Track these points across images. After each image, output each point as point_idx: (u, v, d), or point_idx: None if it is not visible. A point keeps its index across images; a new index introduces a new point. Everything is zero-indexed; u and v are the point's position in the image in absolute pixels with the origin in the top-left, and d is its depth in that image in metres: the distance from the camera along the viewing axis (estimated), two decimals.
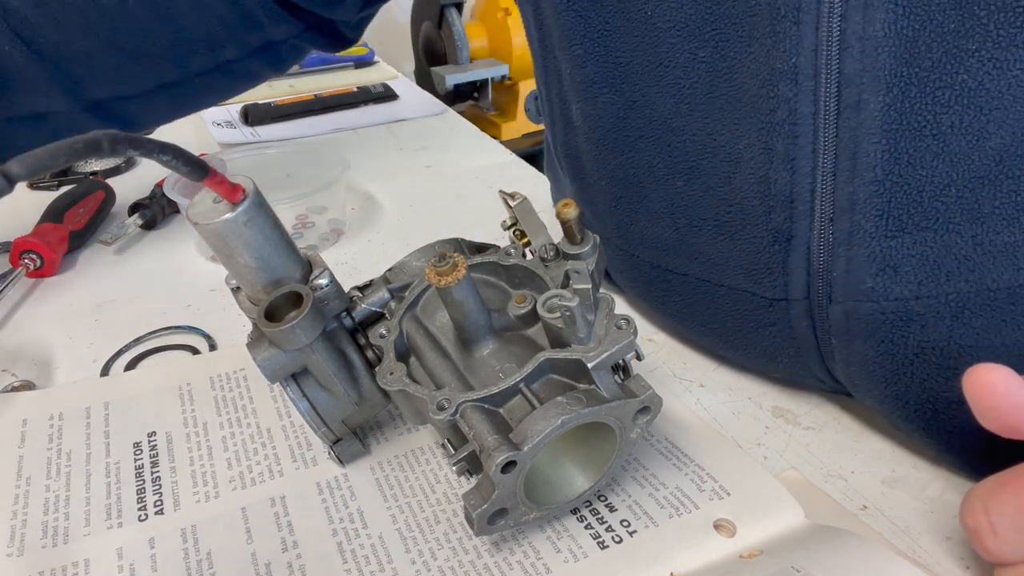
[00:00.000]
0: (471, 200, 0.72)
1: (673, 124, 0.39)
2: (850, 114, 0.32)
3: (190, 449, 0.41)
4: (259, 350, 0.34)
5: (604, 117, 0.43)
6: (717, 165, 0.38)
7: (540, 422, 0.30)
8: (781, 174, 0.35)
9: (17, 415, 0.43)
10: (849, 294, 0.35)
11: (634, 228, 0.45)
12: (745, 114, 0.35)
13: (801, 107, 0.33)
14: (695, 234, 0.41)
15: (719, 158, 0.38)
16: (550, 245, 0.37)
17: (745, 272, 0.39)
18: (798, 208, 0.35)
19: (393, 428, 0.42)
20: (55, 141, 0.22)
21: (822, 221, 0.35)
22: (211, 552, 0.35)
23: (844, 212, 0.34)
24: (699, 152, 0.38)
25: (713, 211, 0.39)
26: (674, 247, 0.43)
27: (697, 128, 0.38)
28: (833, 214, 0.34)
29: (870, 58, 0.31)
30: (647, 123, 0.40)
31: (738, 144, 0.36)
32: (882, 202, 0.33)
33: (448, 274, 0.32)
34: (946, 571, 0.33)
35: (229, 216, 0.31)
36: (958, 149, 0.31)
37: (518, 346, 0.35)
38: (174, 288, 0.58)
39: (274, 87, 1.03)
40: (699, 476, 0.38)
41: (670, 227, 0.42)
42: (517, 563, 0.34)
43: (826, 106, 0.33)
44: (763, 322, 0.40)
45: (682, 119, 0.38)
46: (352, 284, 0.39)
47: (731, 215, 0.38)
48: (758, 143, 0.35)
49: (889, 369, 0.36)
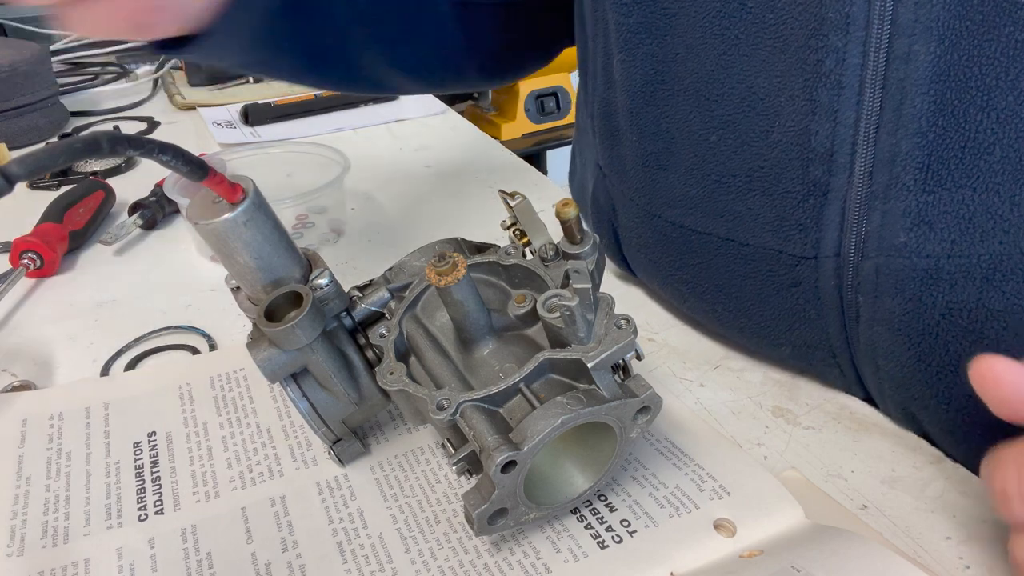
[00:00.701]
0: (471, 200, 0.72)
1: (714, 77, 0.39)
2: (899, 65, 0.32)
3: (190, 449, 0.41)
4: (259, 350, 0.34)
5: (643, 68, 0.43)
6: (755, 119, 0.38)
7: (540, 422, 0.30)
8: (823, 126, 0.35)
9: (17, 415, 0.43)
10: (882, 249, 0.36)
11: (660, 186, 0.45)
12: (790, 66, 0.36)
13: (850, 57, 0.34)
14: (724, 191, 0.41)
15: (758, 111, 0.38)
16: (550, 245, 0.37)
17: (774, 230, 0.39)
18: (837, 161, 0.36)
19: (393, 428, 0.42)
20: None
21: (861, 174, 0.35)
22: (211, 552, 0.35)
23: (884, 165, 0.34)
24: (738, 105, 0.39)
25: (746, 166, 0.39)
26: (700, 205, 0.43)
27: (738, 81, 0.38)
28: (873, 167, 0.35)
29: (924, 9, 0.31)
30: (687, 75, 0.41)
31: (780, 96, 0.37)
32: (923, 155, 0.33)
33: (448, 274, 0.32)
34: (946, 571, 0.33)
35: (229, 216, 0.31)
36: (1004, 104, 0.31)
37: (518, 346, 0.35)
38: (174, 288, 0.58)
39: (274, 87, 1.03)
40: (699, 476, 0.38)
41: (699, 184, 0.42)
42: (517, 563, 0.34)
43: (876, 56, 0.33)
44: (786, 283, 0.40)
45: (723, 72, 0.39)
46: (352, 284, 0.39)
47: (764, 170, 0.39)
48: (801, 95, 0.36)
49: (916, 328, 0.36)
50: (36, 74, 0.86)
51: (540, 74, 1.71)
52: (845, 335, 0.40)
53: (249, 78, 1.05)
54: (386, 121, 0.93)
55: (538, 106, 1.73)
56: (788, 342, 0.43)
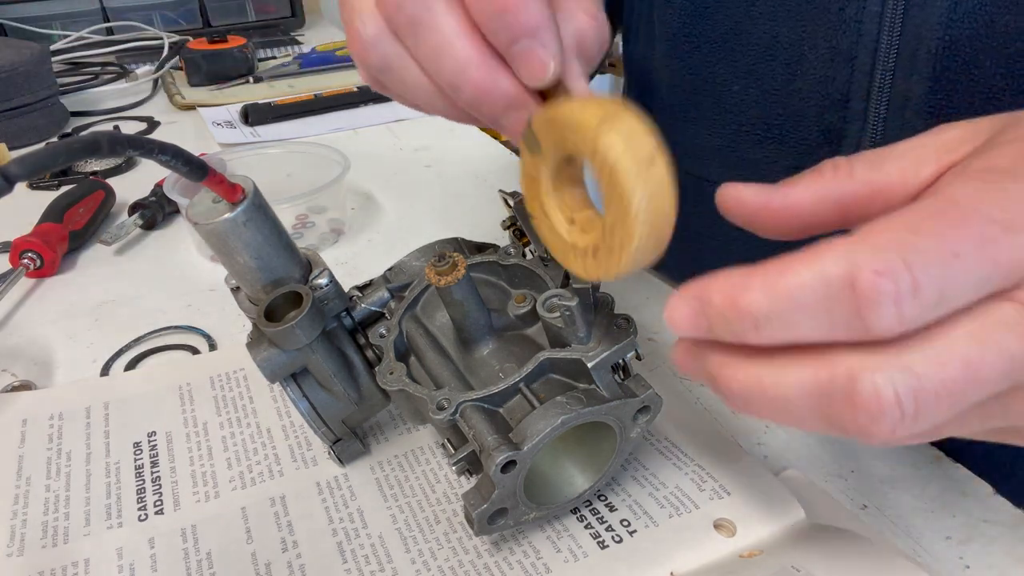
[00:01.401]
0: (471, 200, 0.72)
1: (740, 27, 0.40)
2: (916, 11, 0.33)
3: (190, 449, 0.41)
4: (259, 350, 0.34)
5: (676, 20, 0.44)
6: (777, 68, 0.39)
7: (540, 422, 0.30)
8: (840, 73, 0.37)
9: (17, 415, 0.43)
10: None
11: (683, 137, 0.46)
12: (813, 15, 0.37)
13: (870, 5, 0.35)
14: (743, 140, 0.42)
15: (780, 60, 0.39)
16: None
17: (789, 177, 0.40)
18: (852, 107, 0.37)
19: (393, 428, 0.42)
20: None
21: (874, 120, 0.36)
22: (211, 552, 0.35)
23: (897, 110, 0.35)
24: (761, 54, 0.40)
25: (766, 115, 0.41)
26: (718, 153, 0.44)
27: (763, 31, 0.39)
28: (887, 113, 0.36)
29: None
30: (715, 26, 0.42)
31: (802, 45, 0.38)
32: (935, 99, 0.34)
33: (448, 274, 0.32)
34: (946, 571, 0.33)
35: (229, 216, 0.31)
36: (1014, 51, 0.32)
37: (518, 346, 0.35)
38: (174, 288, 0.58)
39: (274, 87, 1.03)
40: (699, 476, 0.38)
41: (719, 134, 0.43)
42: (517, 563, 0.34)
43: (895, 3, 0.34)
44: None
45: (751, 22, 0.40)
46: (352, 284, 0.39)
47: (783, 118, 0.40)
48: (823, 43, 0.37)
49: None
50: (36, 74, 0.86)
51: None
52: None
53: (249, 78, 1.05)
54: (386, 121, 0.92)
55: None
56: None
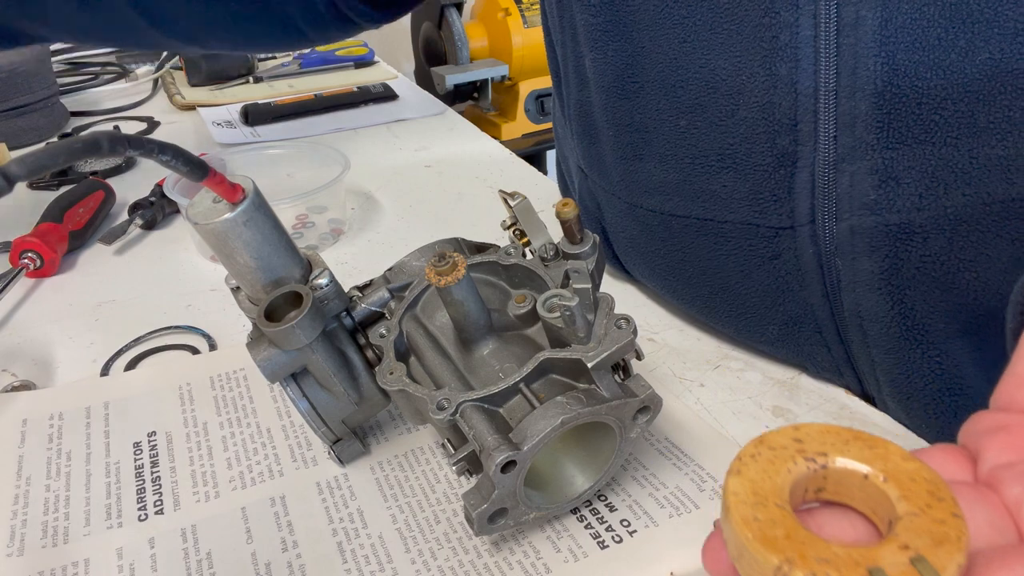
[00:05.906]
0: (471, 200, 0.72)
1: (678, 64, 0.41)
2: (849, 32, 0.34)
3: (190, 449, 0.41)
4: (259, 350, 0.34)
5: (613, 65, 0.44)
6: (719, 100, 0.40)
7: (540, 422, 0.30)
8: (784, 98, 0.37)
9: (17, 415, 0.43)
10: (854, 210, 0.37)
11: (639, 176, 0.46)
12: (748, 46, 0.37)
13: (802, 30, 0.35)
14: (699, 172, 0.42)
15: (721, 92, 0.39)
16: (550, 245, 0.37)
17: (750, 203, 0.41)
18: (802, 130, 0.37)
19: (393, 428, 0.42)
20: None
21: (825, 139, 0.37)
22: (211, 552, 0.35)
23: (846, 128, 0.36)
24: (703, 89, 0.40)
25: (717, 145, 0.41)
26: (678, 188, 0.44)
27: (700, 65, 0.40)
28: (836, 131, 0.36)
29: None
30: (653, 67, 0.42)
31: (741, 76, 0.38)
32: (882, 115, 0.34)
33: (448, 274, 0.32)
34: None
35: (229, 216, 0.31)
36: (950, 62, 0.32)
37: (518, 346, 0.35)
38: (174, 288, 0.58)
39: (274, 87, 1.03)
40: (699, 476, 0.38)
41: (675, 168, 0.44)
42: (517, 563, 0.34)
43: (827, 26, 0.34)
44: (767, 255, 0.42)
45: (686, 58, 0.40)
46: (352, 284, 0.39)
47: (734, 147, 0.40)
48: (761, 71, 0.37)
49: (894, 284, 0.37)
50: (36, 74, 0.86)
51: (540, 75, 1.71)
52: (829, 304, 0.41)
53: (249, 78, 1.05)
54: (386, 121, 0.93)
55: (538, 106, 1.73)
56: (774, 319, 0.44)
